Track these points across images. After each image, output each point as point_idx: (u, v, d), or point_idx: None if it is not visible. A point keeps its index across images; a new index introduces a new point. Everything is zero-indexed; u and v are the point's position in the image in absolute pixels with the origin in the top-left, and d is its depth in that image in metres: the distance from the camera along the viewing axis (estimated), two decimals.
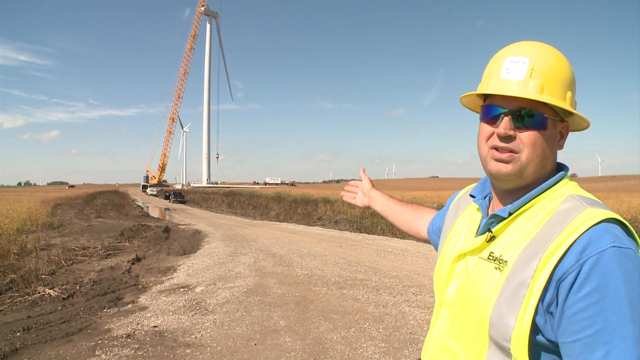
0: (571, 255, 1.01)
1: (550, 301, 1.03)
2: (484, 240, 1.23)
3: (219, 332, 6.22)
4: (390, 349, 5.62)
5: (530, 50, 1.20)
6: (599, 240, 0.99)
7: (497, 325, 1.10)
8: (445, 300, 1.34)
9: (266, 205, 38.35)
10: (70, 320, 6.72)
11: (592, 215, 1.04)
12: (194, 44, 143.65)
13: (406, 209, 2.01)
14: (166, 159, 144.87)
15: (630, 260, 0.98)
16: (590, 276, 0.97)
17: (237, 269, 10.65)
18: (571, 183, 1.20)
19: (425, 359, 1.41)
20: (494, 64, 1.25)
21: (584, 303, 0.97)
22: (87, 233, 18.39)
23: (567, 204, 1.11)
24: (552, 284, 1.03)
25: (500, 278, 1.13)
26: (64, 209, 36.76)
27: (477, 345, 1.18)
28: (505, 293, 1.10)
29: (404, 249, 13.91)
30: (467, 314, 1.21)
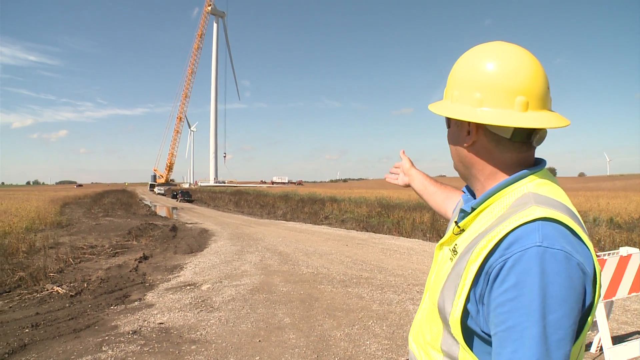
0: (499, 250, 1.03)
1: (482, 292, 1.06)
2: (452, 232, 1.30)
3: (224, 329, 6.29)
4: (393, 347, 5.66)
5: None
6: (526, 239, 1.00)
7: (441, 310, 1.21)
8: (428, 285, 1.42)
9: (273, 204, 38.33)
10: (78, 317, 6.80)
11: (531, 212, 1.05)
12: (201, 43, 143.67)
13: (439, 189, 2.03)
14: (174, 158, 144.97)
15: (556, 262, 0.97)
16: (511, 273, 0.99)
17: (243, 267, 10.72)
18: (539, 181, 1.18)
19: (410, 336, 1.49)
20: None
21: (503, 298, 0.99)
22: (95, 232, 18.52)
23: (519, 201, 1.12)
24: (482, 276, 1.06)
25: (449, 267, 1.22)
26: (72, 208, 36.95)
27: (435, 327, 1.28)
28: (448, 281, 1.19)
29: (410, 248, 13.94)
30: (431, 299, 1.32)
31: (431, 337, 1.29)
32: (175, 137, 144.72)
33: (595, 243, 13.07)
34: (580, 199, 30.43)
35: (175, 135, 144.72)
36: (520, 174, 1.18)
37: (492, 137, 1.19)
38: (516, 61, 1.16)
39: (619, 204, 24.11)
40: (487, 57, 1.18)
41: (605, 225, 16.39)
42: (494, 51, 1.19)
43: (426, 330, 1.34)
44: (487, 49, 1.21)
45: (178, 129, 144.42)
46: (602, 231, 14.94)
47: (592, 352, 5.24)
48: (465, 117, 1.17)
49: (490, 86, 1.15)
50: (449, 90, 1.27)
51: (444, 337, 1.23)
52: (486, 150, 1.22)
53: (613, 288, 4.70)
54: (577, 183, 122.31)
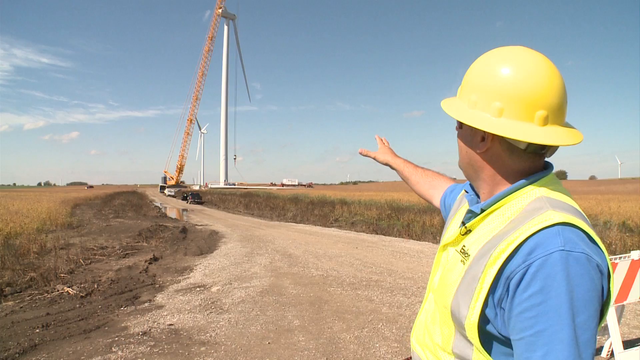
0: (520, 255, 1.03)
1: (501, 297, 1.07)
2: (459, 233, 1.30)
3: (234, 330, 6.28)
4: (403, 349, 5.64)
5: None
6: (549, 243, 1.01)
7: (455, 314, 1.19)
8: (432, 286, 1.43)
9: (283, 207, 38.37)
10: (88, 317, 6.82)
11: (549, 217, 1.05)
12: (211, 46, 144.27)
13: (422, 173, 2.09)
14: (184, 160, 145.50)
15: (580, 265, 0.98)
16: (535, 278, 0.99)
17: (253, 269, 10.72)
18: (551, 185, 1.19)
19: (413, 338, 1.50)
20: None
21: (529, 303, 0.99)
22: (106, 233, 18.60)
23: (533, 205, 1.12)
24: (501, 281, 1.06)
25: (461, 270, 1.20)
26: (83, 209, 37.16)
27: (446, 330, 1.27)
28: (462, 285, 1.18)
29: (420, 251, 13.91)
30: (440, 301, 1.30)
31: (442, 340, 1.29)
32: (185, 139, 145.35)
33: (607, 247, 12.96)
34: (591, 202, 30.26)
35: (185, 137, 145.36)
36: (532, 177, 1.19)
37: (507, 146, 1.18)
38: (540, 73, 1.13)
39: (631, 207, 23.95)
40: (510, 66, 1.15)
41: (616, 229, 16.24)
42: (517, 59, 1.16)
43: (434, 332, 1.34)
44: (511, 56, 1.17)
45: (188, 131, 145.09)
46: (613, 235, 14.82)
47: (602, 357, 5.19)
48: (485, 127, 1.15)
49: (512, 97, 1.13)
50: (466, 93, 1.24)
51: (455, 340, 1.23)
52: (499, 158, 1.21)
53: (624, 292, 4.65)
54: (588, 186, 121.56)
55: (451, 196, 1.81)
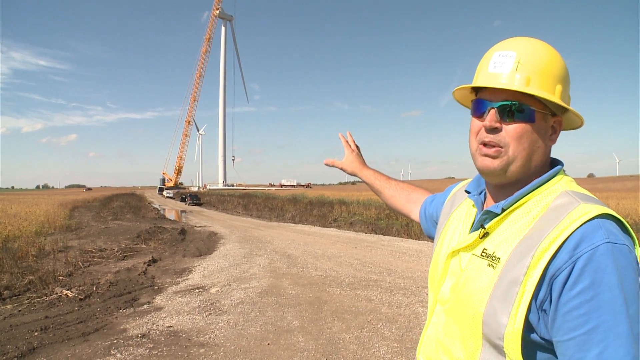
0: (564, 251, 1.00)
1: (543, 299, 1.02)
2: (477, 236, 1.22)
3: (233, 332, 6.27)
4: (402, 349, 5.63)
5: (518, 44, 1.20)
6: (593, 236, 0.98)
7: (490, 324, 1.09)
8: (440, 298, 1.33)
9: (282, 207, 38.36)
10: (87, 320, 6.81)
11: (586, 211, 1.02)
12: (209, 47, 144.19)
13: (397, 186, 2.00)
14: (182, 161, 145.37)
15: (624, 256, 0.96)
16: (584, 273, 0.96)
17: (252, 270, 10.70)
18: (566, 179, 1.19)
19: (421, 356, 1.39)
20: (484, 59, 1.25)
21: (578, 300, 0.96)
22: (104, 235, 18.59)
23: (560, 200, 1.10)
24: (545, 281, 1.02)
25: (493, 275, 1.12)
26: (82, 212, 37.10)
27: (471, 343, 1.17)
28: (497, 290, 1.09)
29: (419, 250, 13.89)
30: (461, 312, 1.20)
31: (465, 354, 1.19)
32: (184, 141, 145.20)
33: None
34: None
35: (183, 139, 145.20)
36: (550, 173, 1.19)
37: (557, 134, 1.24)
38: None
39: (629, 204, 23.92)
40: (554, 51, 1.21)
41: None
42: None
43: (453, 347, 1.23)
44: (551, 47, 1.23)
45: (187, 133, 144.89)
46: None
47: None
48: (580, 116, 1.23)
49: (566, 80, 1.21)
50: (546, 82, 1.17)
51: (483, 352, 1.14)
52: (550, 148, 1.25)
53: None
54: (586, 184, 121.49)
55: (432, 205, 1.75)
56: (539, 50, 1.19)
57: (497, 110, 1.17)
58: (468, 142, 1.28)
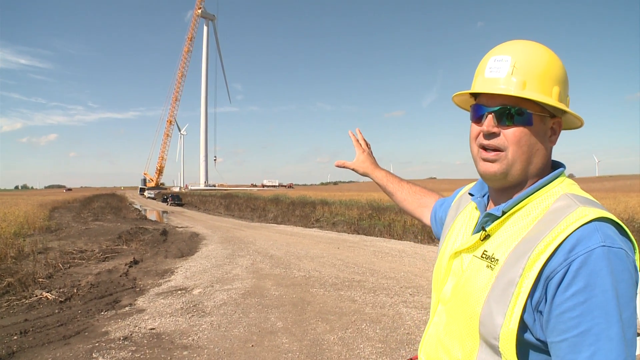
0: (560, 253, 1.00)
1: (539, 300, 1.03)
2: (479, 238, 1.24)
3: (216, 334, 6.23)
4: (387, 350, 5.63)
5: (513, 48, 1.21)
6: (589, 239, 0.98)
7: (486, 324, 1.11)
8: (442, 297, 1.35)
9: (264, 208, 38.28)
10: (68, 323, 6.72)
11: (584, 214, 1.03)
12: (191, 46, 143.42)
13: (410, 189, 2.01)
14: (164, 161, 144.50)
15: (620, 260, 0.97)
16: (578, 275, 0.96)
17: (235, 271, 10.66)
18: (567, 181, 1.19)
19: (422, 355, 1.41)
20: (481, 64, 1.26)
21: (572, 302, 0.96)
22: (85, 236, 18.39)
23: (560, 203, 1.10)
24: (540, 283, 1.02)
25: (490, 276, 1.13)
26: (62, 212, 36.67)
27: (468, 342, 1.18)
28: (494, 291, 1.10)
29: (402, 250, 13.94)
30: (460, 312, 1.22)
31: (463, 353, 1.20)
32: (165, 141, 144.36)
33: None
34: None
35: (165, 139, 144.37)
36: (551, 176, 1.20)
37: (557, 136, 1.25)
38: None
39: (608, 205, 24.17)
40: (551, 53, 1.23)
41: None
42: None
43: (452, 346, 1.25)
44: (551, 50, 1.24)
45: (168, 133, 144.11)
46: None
47: None
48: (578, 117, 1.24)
49: (564, 81, 1.22)
50: (548, 86, 1.18)
51: (480, 352, 1.15)
52: (551, 149, 1.25)
53: None
54: None
55: (442, 209, 1.76)
56: (534, 53, 1.19)
57: (495, 115, 1.18)
58: (469, 147, 1.29)
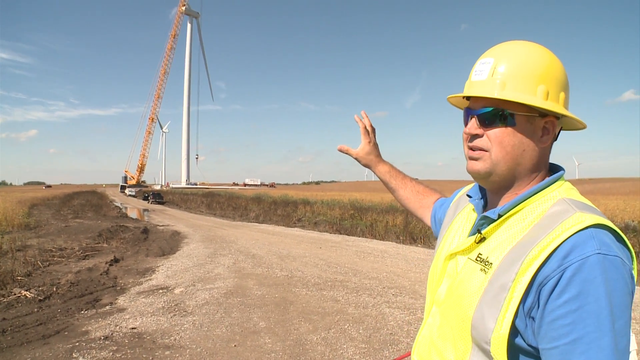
0: (554, 260, 0.99)
1: (531, 306, 1.02)
2: (474, 241, 1.23)
3: (199, 333, 6.18)
4: (370, 350, 5.63)
5: (499, 49, 1.22)
6: (584, 246, 0.97)
7: (478, 328, 1.10)
8: (436, 299, 1.35)
9: (245, 207, 38.22)
10: (47, 322, 6.62)
11: (580, 220, 1.01)
12: (174, 43, 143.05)
13: (412, 187, 1.97)
14: (145, 159, 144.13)
15: (615, 269, 0.95)
16: (572, 283, 0.95)
17: (217, 270, 10.60)
18: (566, 186, 1.18)
19: (415, 355, 1.41)
20: (472, 68, 1.27)
21: (564, 310, 0.95)
22: (64, 234, 18.16)
23: (557, 208, 1.09)
24: (533, 289, 1.01)
25: (484, 280, 1.12)
26: (41, 210, 36.29)
27: (461, 345, 1.18)
28: (487, 295, 1.09)
29: (384, 251, 13.98)
30: (453, 314, 1.21)
31: (455, 356, 1.20)
32: (147, 138, 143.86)
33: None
34: None
35: (147, 136, 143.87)
36: (550, 179, 1.18)
37: (553, 136, 1.22)
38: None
39: None
40: (553, 56, 1.20)
41: None
42: (547, 50, 1.21)
43: (445, 348, 1.24)
44: (541, 47, 1.22)
45: (150, 130, 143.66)
46: None
47: None
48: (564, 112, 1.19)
49: (551, 79, 1.18)
50: (527, 84, 1.17)
51: (472, 356, 1.15)
52: (546, 150, 1.23)
53: None
54: None
55: (441, 210, 1.75)
56: (515, 53, 1.20)
57: (477, 117, 1.21)
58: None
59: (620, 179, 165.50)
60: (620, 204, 28.64)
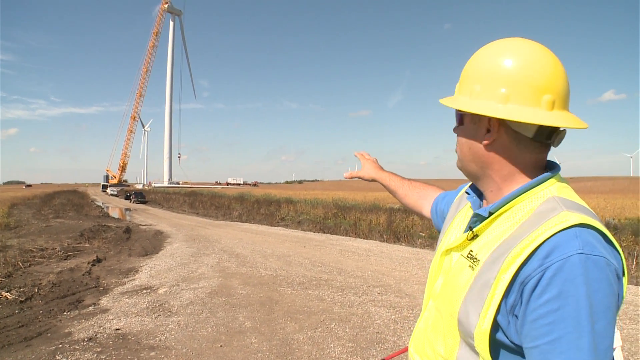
0: (535, 259, 0.99)
1: (514, 303, 1.02)
2: (466, 238, 1.24)
3: (184, 334, 6.13)
4: (357, 349, 5.62)
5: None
6: (566, 246, 0.96)
7: (463, 323, 1.12)
8: (433, 293, 1.36)
9: (228, 206, 38.09)
10: (29, 324, 6.53)
11: (565, 218, 1.01)
12: (156, 41, 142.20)
13: (410, 186, 2.05)
14: (127, 158, 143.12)
15: (598, 269, 0.94)
16: (552, 282, 0.95)
17: (201, 270, 10.54)
18: (559, 185, 1.16)
19: (411, 347, 1.44)
20: None
21: (545, 309, 0.95)
22: (46, 234, 17.92)
23: (545, 206, 1.09)
24: (515, 286, 1.01)
25: (470, 276, 1.14)
26: (21, 209, 35.87)
27: (450, 340, 1.21)
28: (471, 291, 1.11)
29: (368, 249, 14.00)
30: (444, 309, 1.23)
31: (445, 349, 1.23)
32: (128, 137, 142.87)
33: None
34: None
35: (128, 135, 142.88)
36: (542, 177, 1.15)
37: (514, 135, 1.15)
38: (543, 59, 1.13)
39: None
40: (513, 53, 1.14)
41: None
42: (519, 47, 1.15)
43: (436, 341, 1.27)
44: (512, 44, 1.16)
45: (132, 129, 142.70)
46: None
47: None
48: (492, 112, 1.11)
49: (518, 82, 1.11)
50: (467, 85, 1.20)
51: (460, 350, 1.17)
52: (505, 149, 1.17)
53: None
54: None
55: (444, 202, 1.77)
56: (473, 56, 1.23)
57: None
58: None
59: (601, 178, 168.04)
60: (600, 202, 29.01)
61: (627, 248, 12.63)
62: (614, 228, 16.20)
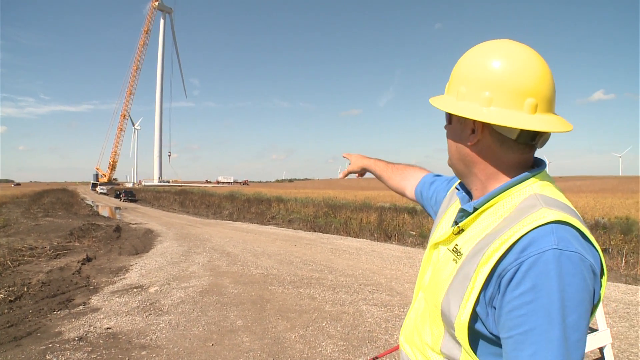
0: (512, 253, 1.02)
1: (492, 295, 1.06)
2: (452, 232, 1.28)
3: (175, 333, 6.12)
4: (349, 347, 5.63)
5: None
6: (542, 241, 1.00)
7: (445, 314, 1.18)
8: (422, 285, 1.40)
9: (219, 204, 38.00)
10: (18, 323, 6.49)
11: (544, 215, 1.04)
12: (147, 39, 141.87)
13: (395, 169, 2.10)
14: (117, 156, 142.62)
15: (572, 264, 0.97)
16: (527, 276, 0.98)
17: (191, 269, 10.52)
18: (542, 183, 1.18)
19: (401, 337, 1.49)
20: None
21: (519, 301, 0.99)
22: (35, 232, 17.80)
23: (526, 203, 1.11)
24: (494, 279, 1.05)
25: (453, 269, 1.19)
26: (10, 208, 35.58)
27: (436, 330, 1.26)
28: (453, 284, 1.16)
29: (359, 248, 14.01)
30: (431, 300, 1.29)
31: (431, 339, 1.28)
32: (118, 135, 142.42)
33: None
34: None
35: (118, 133, 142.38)
36: (524, 175, 1.17)
37: (497, 137, 1.17)
38: (527, 62, 1.13)
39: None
40: (498, 56, 1.15)
41: None
42: (504, 50, 1.15)
43: (424, 331, 1.33)
44: (498, 47, 1.17)
45: (122, 127, 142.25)
46: None
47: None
48: (474, 115, 1.14)
49: (501, 86, 1.12)
50: (454, 86, 1.23)
51: (444, 340, 1.23)
52: (490, 150, 1.20)
53: None
54: None
55: (431, 189, 1.81)
56: (462, 56, 1.25)
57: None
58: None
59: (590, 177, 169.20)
60: (590, 201, 29.18)
61: (616, 247, 12.76)
62: (603, 227, 16.30)
